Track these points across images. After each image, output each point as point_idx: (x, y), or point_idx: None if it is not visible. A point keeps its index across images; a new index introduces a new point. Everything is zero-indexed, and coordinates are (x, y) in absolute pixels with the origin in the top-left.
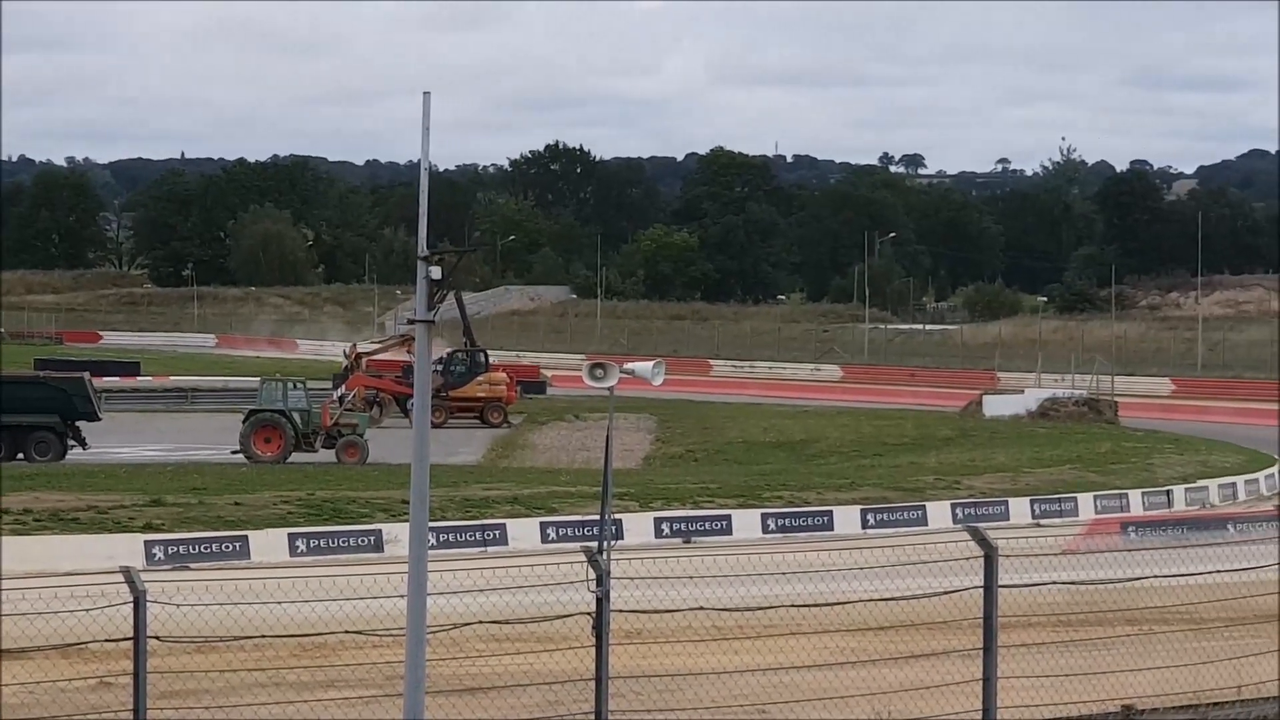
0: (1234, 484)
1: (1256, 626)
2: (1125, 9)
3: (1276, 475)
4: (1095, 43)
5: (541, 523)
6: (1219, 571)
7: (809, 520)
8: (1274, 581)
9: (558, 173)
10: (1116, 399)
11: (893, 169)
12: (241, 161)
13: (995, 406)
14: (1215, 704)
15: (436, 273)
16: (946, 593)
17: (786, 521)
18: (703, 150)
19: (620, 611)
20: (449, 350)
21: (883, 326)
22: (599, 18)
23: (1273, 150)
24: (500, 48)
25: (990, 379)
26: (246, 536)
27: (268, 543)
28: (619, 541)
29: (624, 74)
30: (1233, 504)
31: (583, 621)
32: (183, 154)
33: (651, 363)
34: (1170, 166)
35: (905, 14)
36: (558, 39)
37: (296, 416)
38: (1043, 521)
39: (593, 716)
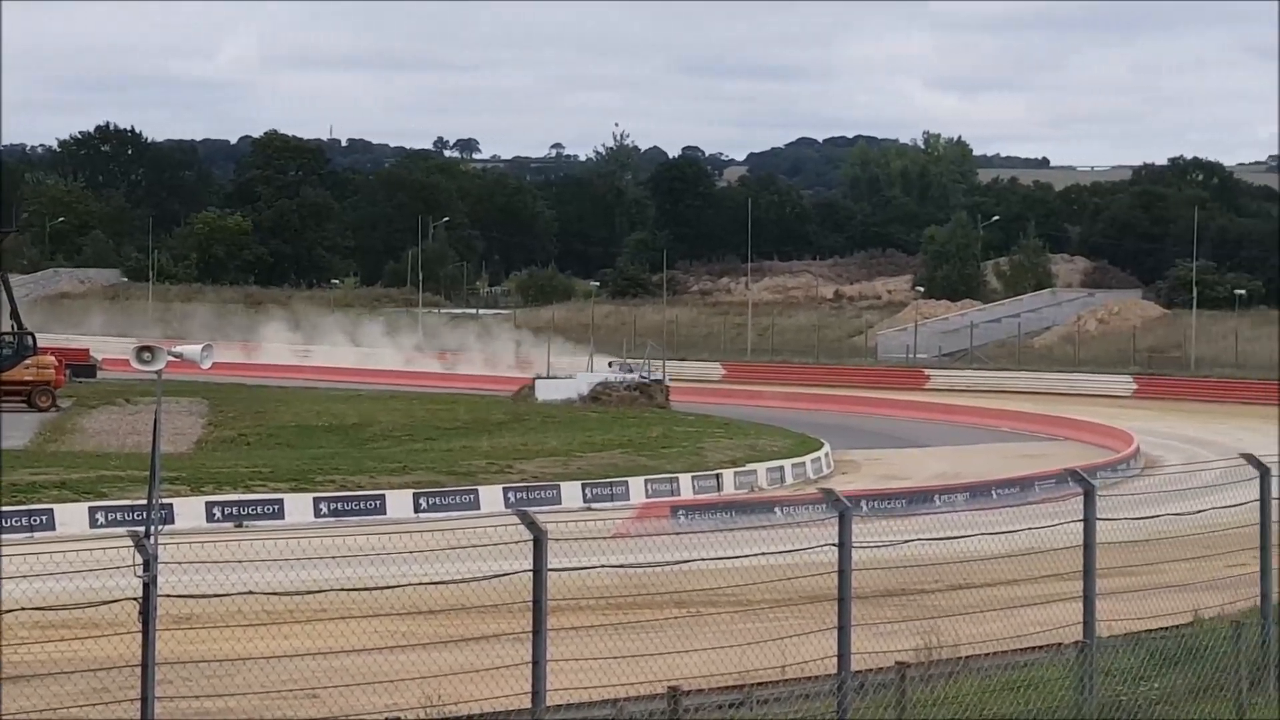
0: (782, 467)
1: (801, 607)
2: None
3: (823, 458)
4: (648, 30)
5: (90, 507)
6: (766, 554)
7: (361, 504)
8: (819, 564)
9: (108, 154)
10: (668, 383)
11: (447, 153)
12: None
13: (547, 391)
14: (760, 684)
15: None
16: (497, 576)
17: (339, 505)
18: (256, 133)
19: (168, 596)
20: None
21: (436, 311)
22: None
23: (820, 139)
24: (52, 26)
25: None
26: None
27: None
28: (169, 526)
29: (178, 56)
30: (780, 487)
31: (130, 607)
32: None
33: (200, 346)
34: (721, 153)
35: None
36: (111, 19)
37: None
38: (594, 505)
39: (139, 703)
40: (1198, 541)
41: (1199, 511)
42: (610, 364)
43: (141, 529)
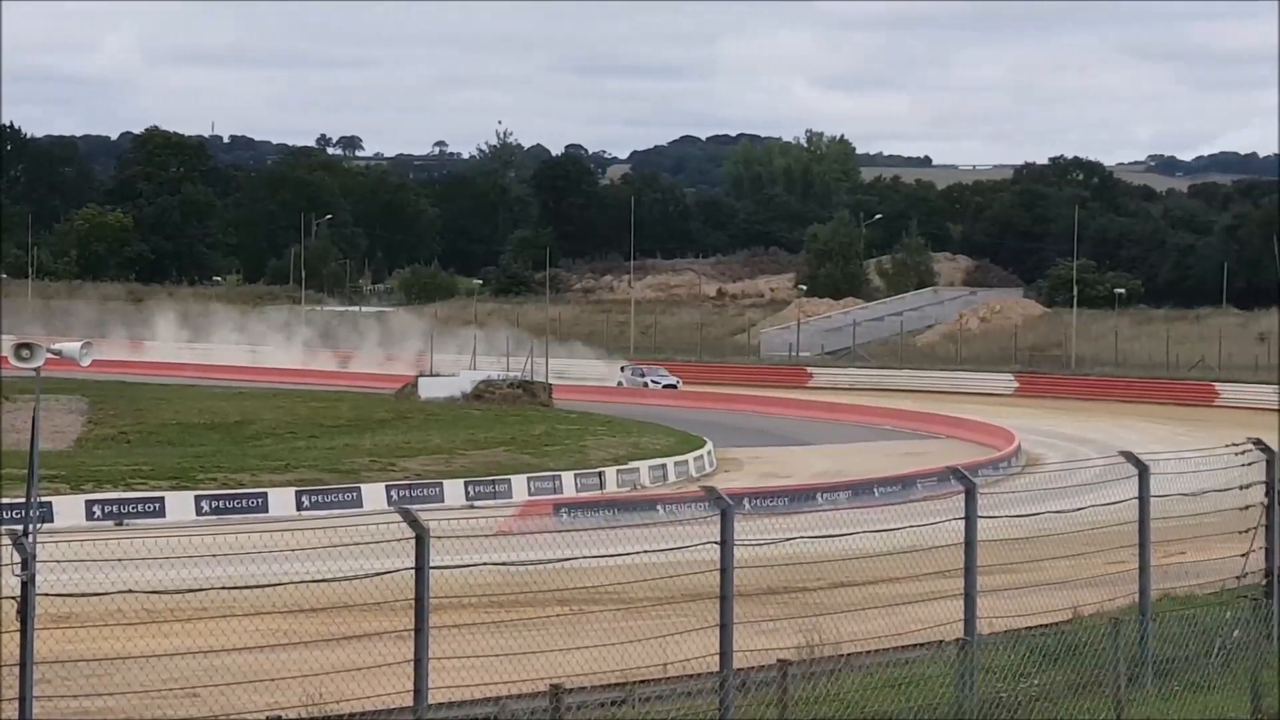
0: (664, 465)
1: (684, 605)
2: None
3: (705, 456)
4: (532, 28)
5: None
6: (648, 552)
7: (243, 502)
8: (701, 562)
9: None
10: (551, 381)
11: (330, 151)
12: None
13: (430, 388)
14: (642, 682)
15: None
16: (379, 574)
17: (221, 503)
18: (138, 130)
19: (47, 595)
20: None
21: (319, 309)
22: None
23: (703, 137)
24: None
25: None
26: None
27: None
28: (48, 525)
29: (58, 52)
30: (663, 485)
31: (7, 606)
32: None
33: (79, 343)
34: (605, 151)
35: None
36: None
37: None
38: (476, 503)
39: (18, 703)
40: (1078, 539)
41: (1079, 509)
42: (622, 368)
43: (19, 528)
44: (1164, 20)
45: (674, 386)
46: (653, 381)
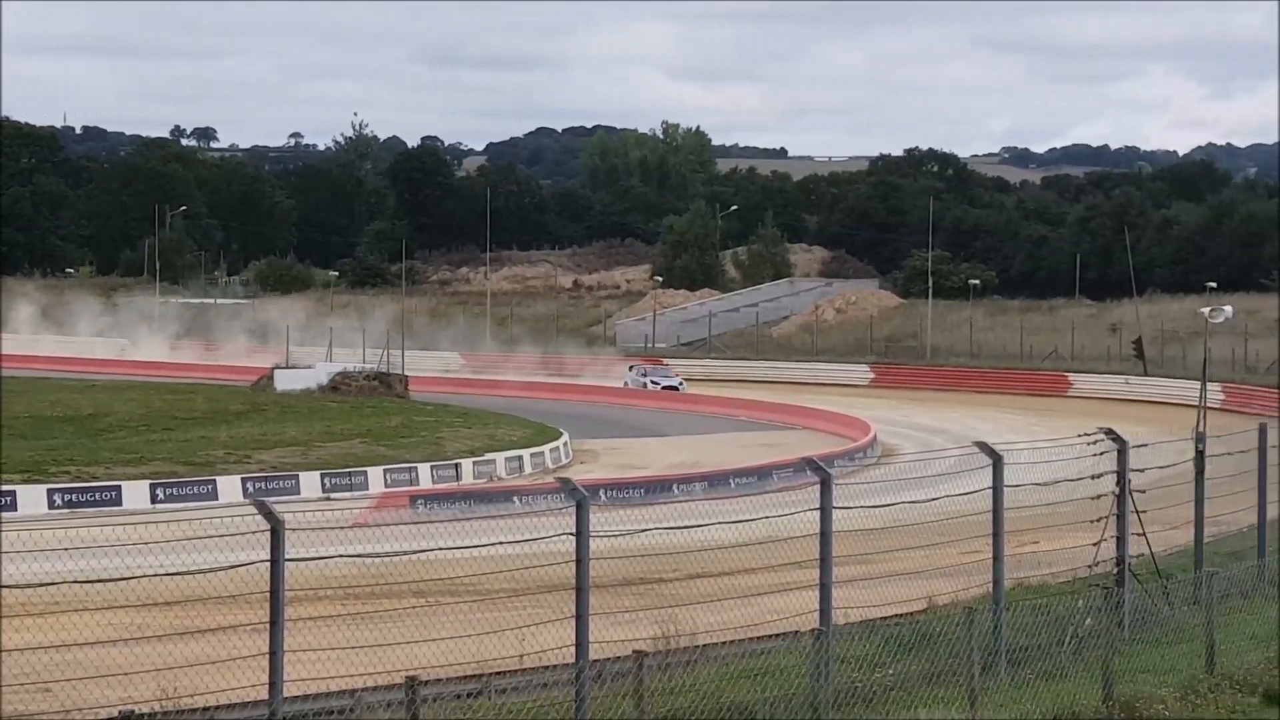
0: (521, 457)
1: (540, 597)
2: None
3: (561, 448)
4: (387, 20)
5: None
6: (505, 543)
7: (97, 495)
8: (557, 553)
9: None
10: (407, 373)
11: (184, 142)
12: None
13: (286, 381)
14: (498, 673)
15: None
16: (234, 566)
17: (73, 497)
18: None
19: None
20: None
21: (174, 300)
22: None
23: (559, 129)
24: None
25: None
26: None
27: None
28: None
29: None
30: (519, 477)
31: None
32: None
33: None
34: (461, 143)
35: None
36: None
37: None
38: (333, 495)
39: None
40: (932, 529)
41: (934, 499)
42: (630, 368)
43: None
44: (1017, 14)
45: (675, 388)
46: (652, 383)
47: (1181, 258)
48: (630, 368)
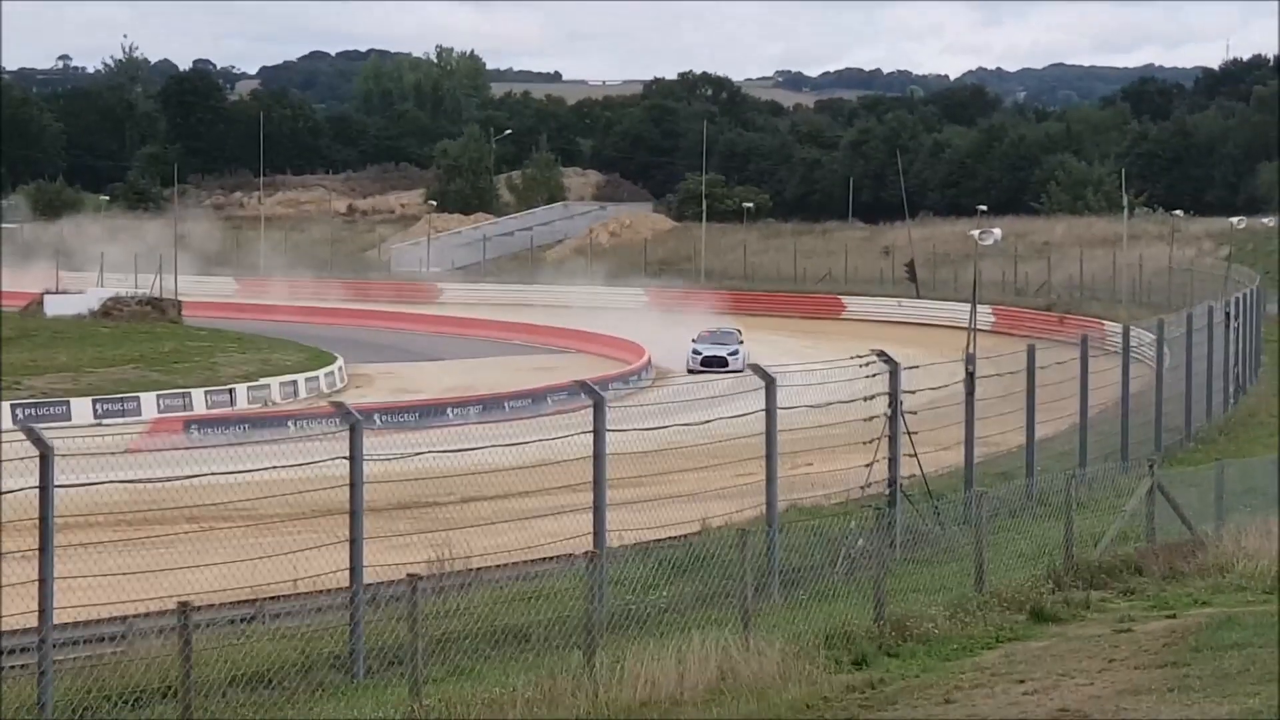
0: (295, 382)
1: (314, 521)
2: None
3: (336, 373)
4: None
5: None
6: (278, 468)
7: None
8: (331, 478)
9: None
10: (180, 298)
11: None
12: None
13: (57, 306)
14: (272, 598)
15: None
16: (2, 493)
17: None
18: None
19: None
20: None
21: None
22: None
23: (333, 53)
24: None
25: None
26: None
27: None
28: None
29: None
30: (294, 402)
31: None
32: None
33: None
34: (234, 67)
35: None
36: None
37: None
38: (105, 421)
39: None
40: (707, 452)
41: (708, 422)
42: (695, 338)
43: None
44: None
45: (721, 361)
46: (693, 354)
47: (953, 181)
48: (695, 338)
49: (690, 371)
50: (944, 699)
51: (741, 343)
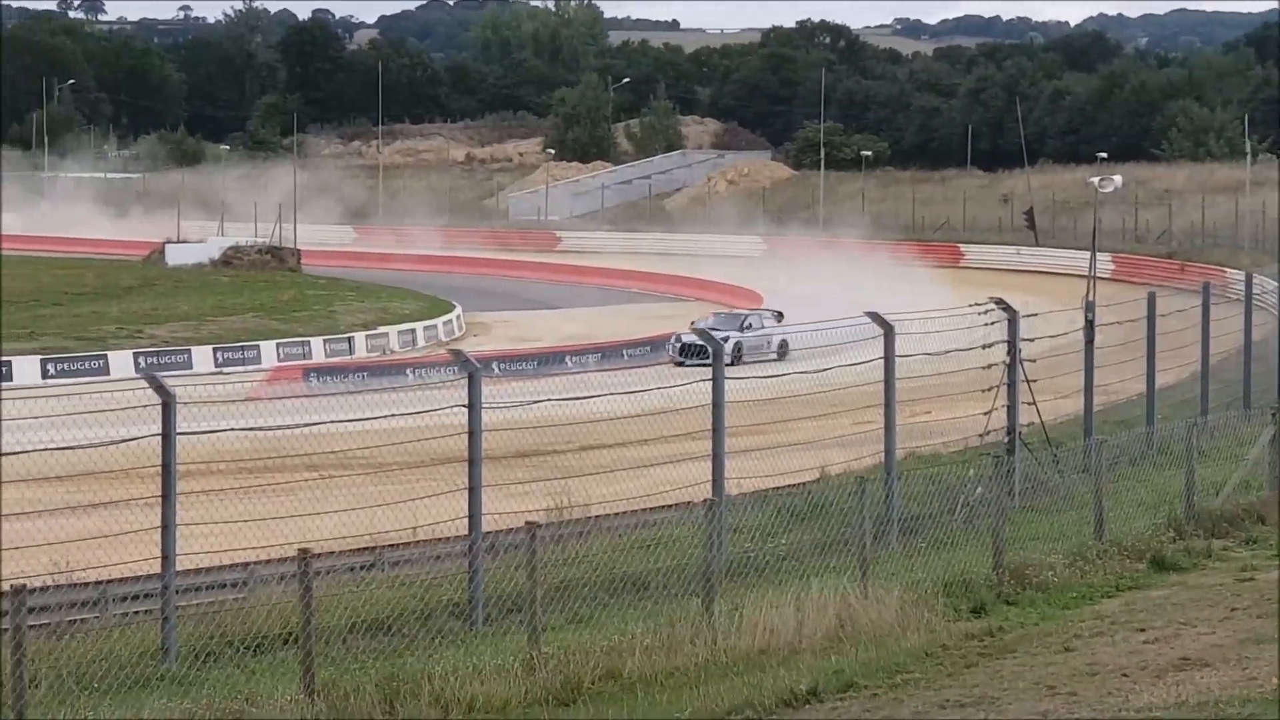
0: (414, 330)
1: (432, 469)
2: None
3: (455, 321)
4: None
5: None
6: (398, 416)
7: None
8: (450, 425)
9: None
10: (300, 247)
11: (72, 15)
12: None
13: (178, 255)
14: (391, 545)
15: None
16: (125, 440)
17: None
18: None
19: None
20: None
21: (63, 175)
22: None
23: (451, 2)
24: None
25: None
26: None
27: None
28: None
29: None
30: (412, 350)
31: None
32: None
33: None
34: (352, 16)
35: None
36: None
37: None
38: (225, 369)
39: None
40: (825, 399)
41: (826, 370)
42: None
43: None
44: None
45: (703, 353)
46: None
47: (1072, 128)
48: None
49: (675, 364)
50: (1063, 647)
51: (746, 327)
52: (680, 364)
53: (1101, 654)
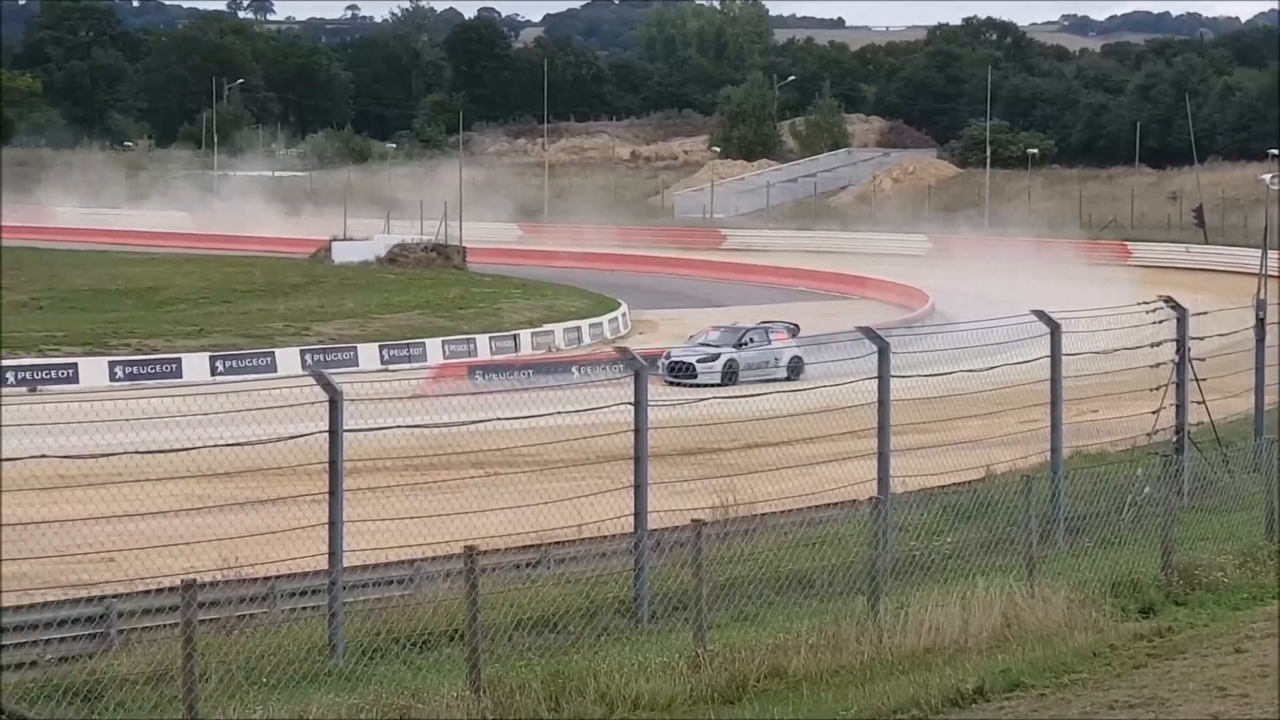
0: (579, 327)
1: (598, 467)
2: None
3: (620, 318)
4: None
5: None
6: (563, 413)
7: (157, 368)
8: (615, 423)
9: None
10: (465, 245)
11: (241, 15)
12: None
13: (344, 253)
14: (557, 543)
15: None
16: (293, 437)
17: (135, 369)
18: None
19: None
20: None
21: (231, 173)
22: None
23: (616, 0)
24: None
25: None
26: None
27: None
28: None
29: None
30: (578, 347)
31: None
32: None
33: None
34: (517, 15)
35: None
36: None
37: None
38: (391, 366)
39: None
40: (990, 398)
41: (991, 368)
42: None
43: None
44: None
45: (691, 371)
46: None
47: (1243, 125)
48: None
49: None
50: (1234, 648)
51: (745, 343)
52: (672, 383)
53: (1274, 656)
